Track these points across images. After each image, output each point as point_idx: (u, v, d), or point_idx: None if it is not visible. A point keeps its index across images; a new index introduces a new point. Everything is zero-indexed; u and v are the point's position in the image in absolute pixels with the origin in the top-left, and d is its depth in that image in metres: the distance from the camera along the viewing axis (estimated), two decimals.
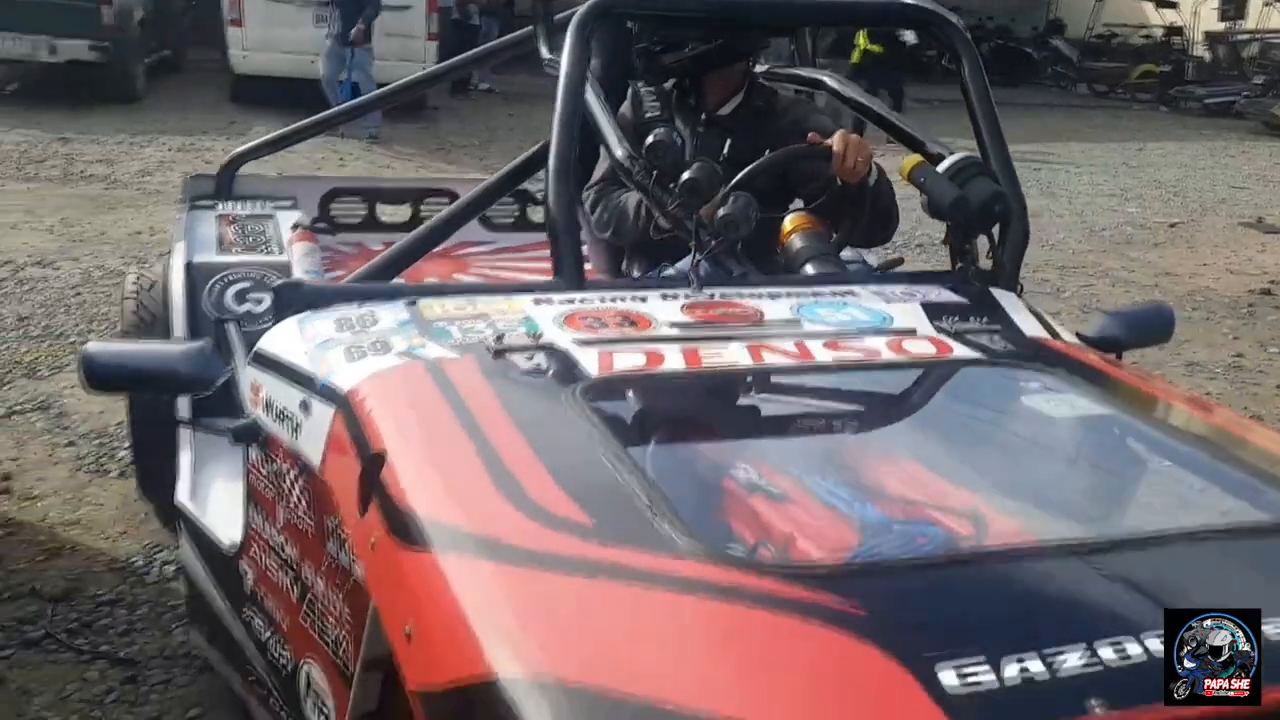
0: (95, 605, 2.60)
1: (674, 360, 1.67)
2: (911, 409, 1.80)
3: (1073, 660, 0.95)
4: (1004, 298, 2.07)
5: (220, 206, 3.20)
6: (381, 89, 4.00)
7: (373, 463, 1.40)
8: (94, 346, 1.89)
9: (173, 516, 2.70)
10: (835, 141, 2.13)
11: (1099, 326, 2.19)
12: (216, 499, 2.18)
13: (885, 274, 2.29)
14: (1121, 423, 1.60)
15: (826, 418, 1.79)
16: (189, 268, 2.70)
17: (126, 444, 3.46)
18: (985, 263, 2.13)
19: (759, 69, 2.56)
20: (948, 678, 0.91)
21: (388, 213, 3.74)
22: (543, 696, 0.95)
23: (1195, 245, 7.32)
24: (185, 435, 2.39)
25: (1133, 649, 1.00)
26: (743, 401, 1.79)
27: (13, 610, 2.56)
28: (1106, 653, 0.97)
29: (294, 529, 1.71)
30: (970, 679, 0.92)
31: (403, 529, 1.26)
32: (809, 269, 2.10)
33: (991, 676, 0.93)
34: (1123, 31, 19.62)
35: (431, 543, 1.21)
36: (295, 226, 2.56)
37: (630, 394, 1.68)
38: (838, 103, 2.77)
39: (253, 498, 1.88)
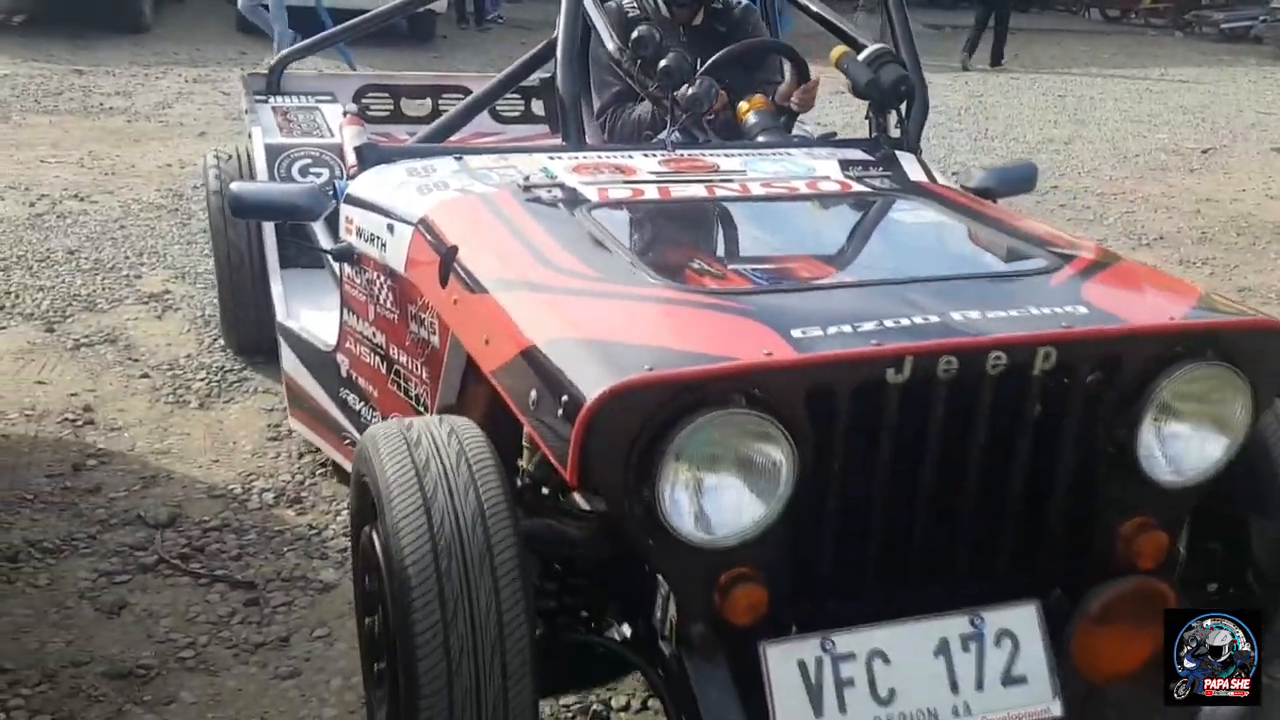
0: (202, 531, 2.60)
1: (651, 193, 2.32)
2: (812, 222, 2.41)
3: (868, 326, 1.61)
4: (904, 157, 2.66)
5: (272, 100, 3.74)
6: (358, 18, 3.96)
7: (449, 253, 2.03)
8: (238, 186, 2.57)
9: (250, 351, 3.54)
10: (796, 89, 2.89)
11: (977, 179, 2.79)
12: (306, 318, 2.96)
13: (818, 140, 2.90)
14: (950, 224, 2.27)
15: (751, 229, 2.32)
16: (267, 147, 3.31)
17: (200, 376, 3.47)
18: (895, 132, 2.73)
19: None
20: (795, 333, 1.58)
21: (411, 107, 4.13)
22: (564, 345, 1.61)
23: (1231, 171, 7.26)
24: (275, 274, 3.16)
25: (904, 321, 1.63)
26: (695, 218, 2.38)
27: (122, 536, 2.57)
28: (888, 323, 1.63)
29: (382, 320, 2.38)
30: (808, 333, 1.58)
31: (475, 285, 1.91)
32: (760, 139, 2.70)
33: (820, 332, 1.59)
34: None
35: (495, 289, 1.86)
36: (345, 113, 2.97)
37: (619, 212, 2.24)
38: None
39: (346, 303, 2.55)
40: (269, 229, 3.28)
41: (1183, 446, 1.69)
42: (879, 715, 1.60)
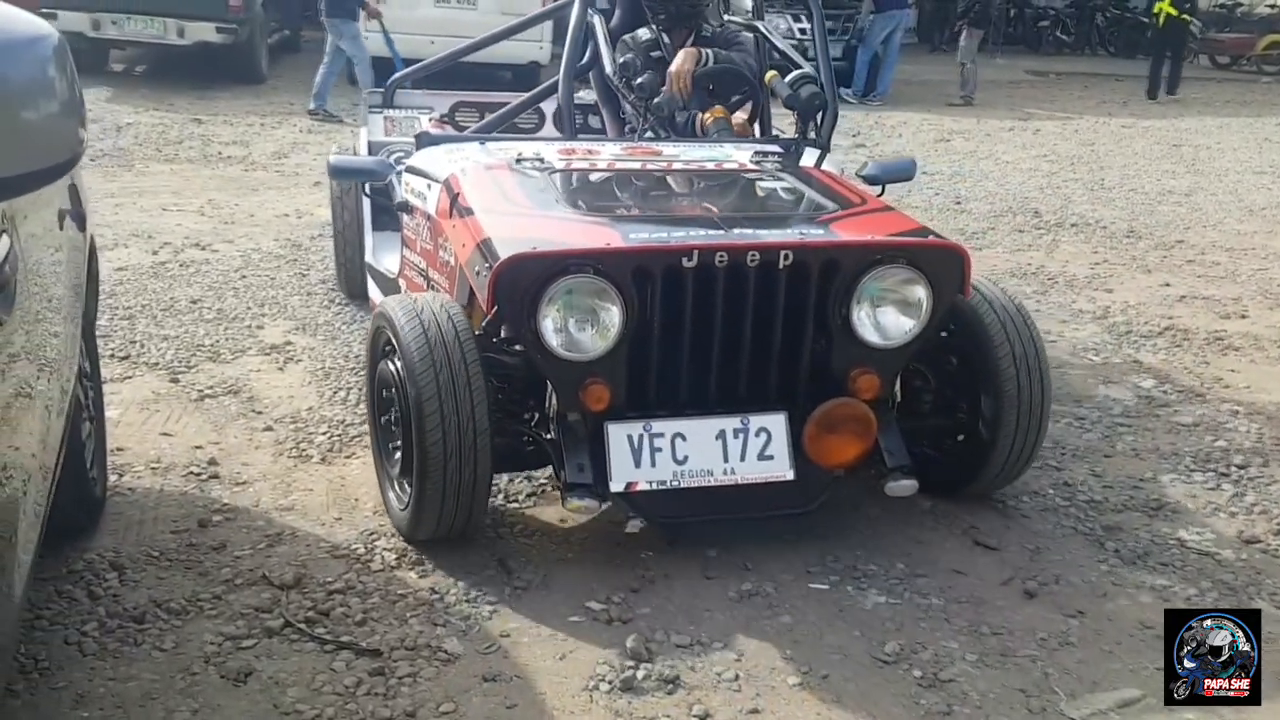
0: (327, 593, 2.57)
1: (601, 166, 3.37)
2: (712, 186, 3.30)
3: (679, 234, 2.63)
4: (809, 152, 3.57)
5: (385, 112, 4.90)
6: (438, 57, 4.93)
7: (456, 197, 3.07)
8: (334, 158, 3.73)
9: (361, 295, 4.56)
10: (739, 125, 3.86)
11: (866, 170, 3.69)
12: (383, 258, 4.16)
13: (752, 139, 3.79)
14: (793, 190, 3.25)
15: (657, 188, 3.28)
16: (370, 143, 4.63)
17: (321, 430, 3.48)
18: (813, 135, 3.62)
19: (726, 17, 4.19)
20: (632, 236, 2.62)
21: None
22: (498, 239, 2.66)
23: None
24: (368, 231, 4.45)
25: (703, 233, 2.62)
26: (622, 181, 3.32)
27: (248, 597, 2.55)
28: (693, 233, 2.62)
29: (425, 251, 3.46)
30: (640, 236, 2.62)
31: (468, 212, 2.92)
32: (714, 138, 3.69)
33: (648, 236, 2.62)
34: (1248, 1, 18.78)
35: (477, 213, 2.87)
36: (431, 119, 4.45)
37: (572, 175, 3.26)
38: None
39: (404, 242, 3.71)
40: (367, 201, 4.36)
41: (885, 320, 2.68)
42: (675, 470, 2.60)
